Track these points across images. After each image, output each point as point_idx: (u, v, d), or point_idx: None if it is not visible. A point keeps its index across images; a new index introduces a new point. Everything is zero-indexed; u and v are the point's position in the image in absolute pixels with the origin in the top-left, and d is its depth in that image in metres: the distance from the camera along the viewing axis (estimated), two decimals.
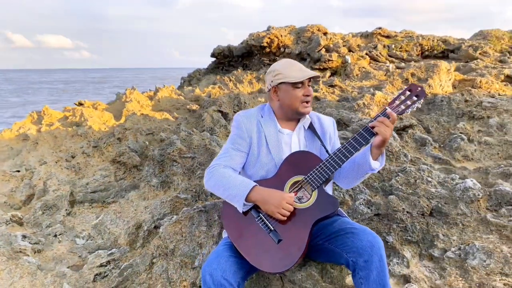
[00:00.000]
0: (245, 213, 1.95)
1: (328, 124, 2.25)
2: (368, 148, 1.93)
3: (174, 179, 2.99)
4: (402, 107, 1.94)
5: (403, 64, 9.19)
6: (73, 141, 5.57)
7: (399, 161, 2.99)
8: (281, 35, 12.23)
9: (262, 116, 2.15)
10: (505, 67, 7.08)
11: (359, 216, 2.51)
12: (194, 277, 2.33)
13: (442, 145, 3.49)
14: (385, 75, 7.67)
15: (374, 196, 2.62)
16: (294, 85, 2.03)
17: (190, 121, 4.16)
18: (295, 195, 1.94)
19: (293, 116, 2.12)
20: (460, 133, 3.51)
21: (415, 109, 1.95)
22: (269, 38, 11.98)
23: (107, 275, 2.67)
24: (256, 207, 1.94)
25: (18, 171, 4.91)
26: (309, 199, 1.92)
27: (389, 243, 2.36)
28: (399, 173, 2.69)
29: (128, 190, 4.03)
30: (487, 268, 2.04)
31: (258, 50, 12.42)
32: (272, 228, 1.88)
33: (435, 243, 2.30)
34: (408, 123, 3.74)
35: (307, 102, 2.05)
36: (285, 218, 1.86)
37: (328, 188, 2.10)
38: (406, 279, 2.14)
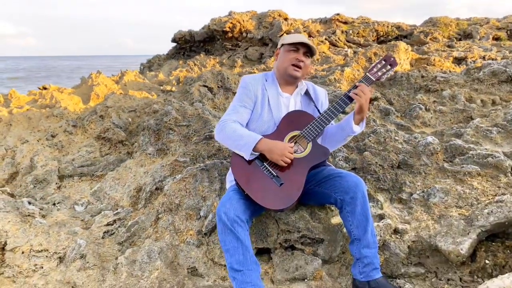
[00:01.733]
0: (250, 163, 2.29)
1: (321, 93, 2.64)
2: (352, 113, 2.33)
3: (171, 146, 3.26)
4: (379, 73, 2.35)
5: (360, 49, 9.74)
6: (50, 122, 5.65)
7: (369, 125, 3.43)
8: (243, 20, 12.44)
9: (266, 80, 2.49)
10: (453, 50, 7.78)
11: None
12: (200, 226, 2.64)
13: (403, 114, 3.97)
14: (343, 60, 8.17)
15: (350, 153, 3.04)
16: (289, 48, 2.39)
17: (176, 96, 4.41)
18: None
19: (286, 78, 2.47)
20: (418, 103, 4.01)
21: (389, 75, 2.38)
22: (231, 23, 12.16)
23: (114, 233, 2.92)
24: (259, 158, 2.28)
25: None
26: (304, 150, 2.29)
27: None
28: (371, 134, 3.12)
29: (116, 164, 4.24)
30: (445, 203, 2.50)
31: (220, 35, 12.58)
32: (275, 174, 2.23)
33: (403, 189, 2.74)
34: (373, 96, 4.20)
35: (297, 66, 2.41)
36: (287, 165, 2.22)
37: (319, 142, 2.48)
38: (381, 217, 2.56)
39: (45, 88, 8.76)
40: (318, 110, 2.47)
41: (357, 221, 2.20)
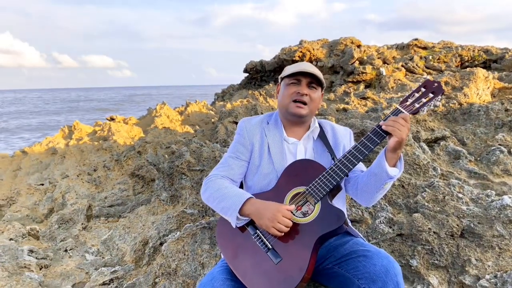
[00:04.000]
0: (242, 230, 1.76)
1: (343, 134, 2.03)
2: (383, 154, 1.70)
3: (182, 193, 2.84)
4: (416, 105, 1.70)
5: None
6: (98, 155, 5.58)
7: (427, 175, 2.71)
8: (313, 49, 12.02)
9: (268, 123, 1.98)
10: None
11: (379, 236, 2.25)
12: None
13: (478, 158, 3.16)
14: None
15: (397, 214, 2.36)
16: (289, 81, 1.87)
17: (206, 133, 4.04)
18: (300, 209, 1.73)
19: (289, 118, 1.93)
20: (499, 145, 3.17)
21: (432, 107, 1.73)
22: (301, 51, 11.79)
23: None
24: (253, 224, 1.74)
25: (42, 184, 4.95)
26: (312, 213, 1.70)
27: (413, 267, 2.08)
28: (426, 188, 2.41)
29: (144, 204, 3.93)
30: None
31: (290, 64, 12.26)
32: (271, 247, 1.67)
33: (466, 268, 2.00)
34: (440, 135, 3.43)
35: (300, 101, 1.86)
36: (282, 234, 1.65)
37: (340, 203, 1.87)
38: None
39: (112, 119, 8.99)
40: (335, 158, 1.86)
41: None
